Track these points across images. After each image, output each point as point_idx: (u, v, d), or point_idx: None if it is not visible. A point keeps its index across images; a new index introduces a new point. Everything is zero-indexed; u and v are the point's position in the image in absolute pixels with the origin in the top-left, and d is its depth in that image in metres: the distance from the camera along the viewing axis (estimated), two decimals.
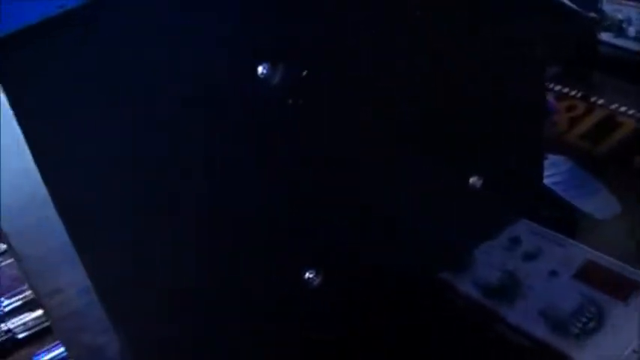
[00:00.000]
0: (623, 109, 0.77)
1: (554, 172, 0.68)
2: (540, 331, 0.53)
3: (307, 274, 0.47)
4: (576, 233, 0.61)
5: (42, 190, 0.35)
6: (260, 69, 0.39)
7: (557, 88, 0.82)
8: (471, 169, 0.54)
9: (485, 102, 0.52)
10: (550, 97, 0.77)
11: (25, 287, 0.50)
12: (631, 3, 0.84)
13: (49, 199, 0.35)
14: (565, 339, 0.52)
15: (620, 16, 0.86)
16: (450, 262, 0.58)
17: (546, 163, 0.67)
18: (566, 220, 0.63)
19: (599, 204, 0.64)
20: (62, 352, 0.48)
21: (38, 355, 0.48)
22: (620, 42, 0.87)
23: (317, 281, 0.48)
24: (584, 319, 0.53)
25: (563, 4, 0.87)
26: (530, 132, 0.57)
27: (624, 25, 0.86)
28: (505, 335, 0.54)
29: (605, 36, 0.88)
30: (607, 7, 0.87)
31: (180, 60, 0.36)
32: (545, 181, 0.65)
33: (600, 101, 0.79)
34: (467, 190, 0.54)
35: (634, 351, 0.51)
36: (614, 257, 0.58)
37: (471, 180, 0.54)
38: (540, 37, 0.55)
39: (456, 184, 0.54)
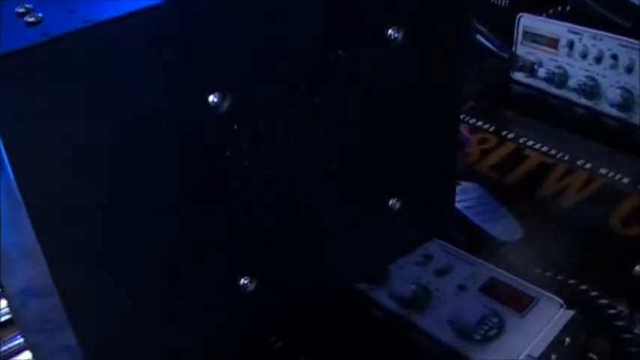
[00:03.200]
0: (530, 143, 0.84)
1: (466, 197, 0.74)
2: (448, 337, 0.59)
3: (242, 280, 0.52)
4: (483, 253, 0.68)
5: None
6: (211, 98, 0.44)
7: (472, 121, 0.89)
8: (391, 192, 0.60)
9: (403, 137, 0.57)
10: (465, 131, 0.84)
11: None
12: (542, 47, 0.92)
13: None
14: (469, 345, 0.59)
15: (532, 58, 0.94)
16: (368, 274, 0.64)
17: (459, 189, 0.74)
18: (474, 241, 0.70)
19: (504, 228, 0.71)
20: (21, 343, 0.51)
21: None
22: (531, 82, 0.95)
23: (251, 287, 0.53)
24: (486, 328, 0.60)
25: (481, 45, 0.95)
26: (444, 162, 0.64)
27: (536, 67, 0.94)
28: (417, 341, 0.60)
29: (518, 75, 0.96)
30: (521, 50, 0.95)
31: (136, 89, 0.42)
32: (458, 205, 0.72)
33: (510, 135, 0.86)
34: (386, 210, 0.60)
35: (528, 355, 0.57)
36: (515, 275, 0.65)
37: (390, 202, 0.60)
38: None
39: (377, 205, 0.59)
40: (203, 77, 0.44)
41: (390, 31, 0.52)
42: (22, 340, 0.55)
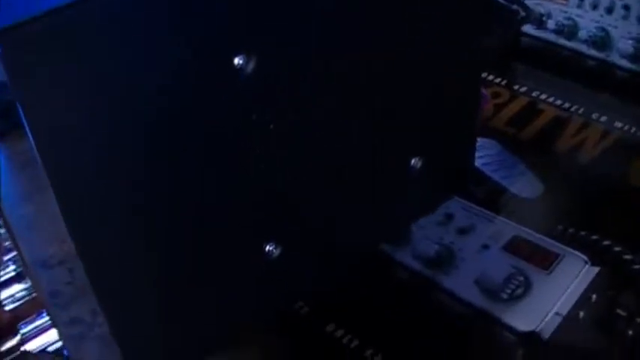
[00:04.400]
0: (543, 97, 0.83)
1: (484, 154, 0.73)
2: (474, 297, 0.59)
3: (268, 247, 0.51)
4: (504, 210, 0.67)
5: None
6: (236, 60, 0.43)
7: (483, 75, 0.88)
8: (412, 151, 0.58)
9: (426, 95, 0.56)
10: (483, 89, 0.82)
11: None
12: None
13: None
14: (496, 304, 0.58)
15: (541, 10, 0.92)
16: (391, 235, 0.63)
17: (477, 145, 0.73)
18: (495, 199, 0.69)
19: (524, 184, 0.70)
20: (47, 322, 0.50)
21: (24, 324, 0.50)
22: (540, 34, 0.93)
23: (276, 253, 0.52)
24: (512, 287, 0.59)
25: None
26: (465, 120, 0.63)
27: (544, 19, 0.92)
28: (444, 301, 0.59)
29: (526, 28, 0.94)
30: (529, 1, 0.93)
31: (162, 54, 0.40)
32: (476, 162, 0.71)
33: (523, 89, 0.85)
34: (408, 170, 0.59)
35: (556, 313, 0.57)
36: (538, 232, 0.64)
37: (413, 161, 0.59)
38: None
39: (399, 165, 0.58)
40: (228, 39, 0.42)
41: None
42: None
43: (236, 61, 0.43)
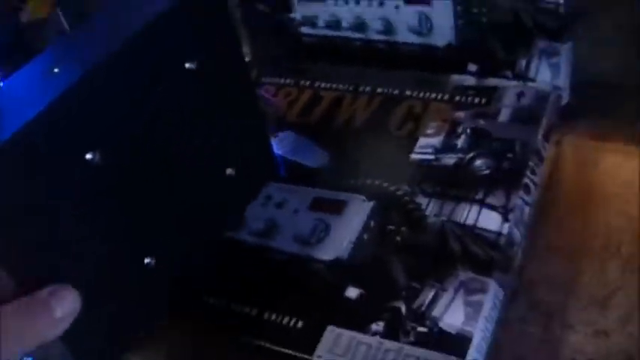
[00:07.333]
0: (323, 85, 1.06)
1: (285, 144, 0.96)
2: (295, 248, 0.82)
3: (147, 260, 0.65)
4: (305, 180, 0.90)
5: None
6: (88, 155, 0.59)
7: (275, 80, 1.09)
8: (226, 165, 0.75)
9: (225, 134, 0.72)
10: (268, 94, 1.04)
11: None
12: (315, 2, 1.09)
13: None
14: (309, 248, 0.81)
15: (310, 13, 1.10)
16: (230, 223, 0.84)
17: (278, 138, 0.96)
18: (297, 175, 0.92)
19: (315, 158, 0.94)
20: None
21: None
22: (316, 32, 1.11)
23: (153, 264, 0.68)
24: (318, 233, 0.83)
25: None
26: (259, 135, 0.81)
27: (315, 20, 1.10)
28: (274, 257, 0.83)
29: (305, 29, 1.11)
30: (300, 9, 1.11)
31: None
32: (280, 152, 0.94)
33: (307, 83, 1.07)
34: (229, 177, 0.76)
35: (349, 241, 0.81)
36: (330, 189, 0.88)
37: (228, 171, 0.76)
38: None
39: (221, 176, 0.75)
40: (84, 142, 0.58)
41: (188, 65, 0.68)
42: None
43: (88, 156, 0.60)
